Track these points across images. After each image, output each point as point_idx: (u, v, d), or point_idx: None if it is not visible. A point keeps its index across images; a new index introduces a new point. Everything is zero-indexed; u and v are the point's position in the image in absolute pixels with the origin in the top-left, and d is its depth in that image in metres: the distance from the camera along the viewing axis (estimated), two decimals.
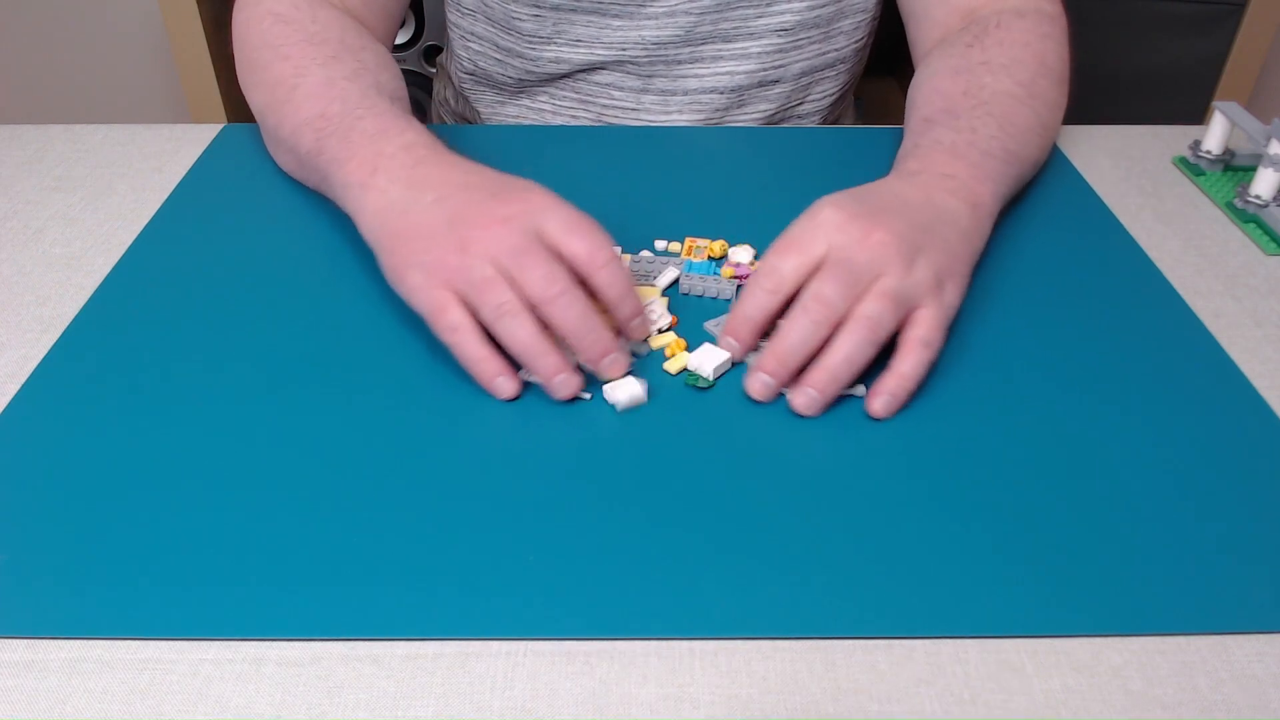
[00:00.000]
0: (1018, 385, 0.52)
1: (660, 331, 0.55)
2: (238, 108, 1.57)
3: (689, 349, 0.54)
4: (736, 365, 0.53)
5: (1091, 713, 0.38)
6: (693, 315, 0.57)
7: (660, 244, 0.63)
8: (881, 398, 0.49)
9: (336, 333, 0.55)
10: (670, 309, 0.57)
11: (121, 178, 0.70)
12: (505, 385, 0.50)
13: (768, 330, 0.52)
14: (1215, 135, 0.71)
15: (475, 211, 0.51)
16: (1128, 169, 0.73)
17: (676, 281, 0.59)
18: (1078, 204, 0.68)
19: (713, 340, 0.55)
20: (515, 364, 0.51)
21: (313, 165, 0.62)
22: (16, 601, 0.41)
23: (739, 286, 0.58)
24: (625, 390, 0.50)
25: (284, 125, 0.64)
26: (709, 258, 0.61)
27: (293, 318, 0.56)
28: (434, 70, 1.53)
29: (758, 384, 0.50)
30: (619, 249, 0.62)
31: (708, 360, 0.52)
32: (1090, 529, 0.44)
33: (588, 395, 0.51)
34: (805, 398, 0.49)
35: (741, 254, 0.61)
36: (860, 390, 0.51)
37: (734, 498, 0.46)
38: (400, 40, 1.54)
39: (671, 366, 0.53)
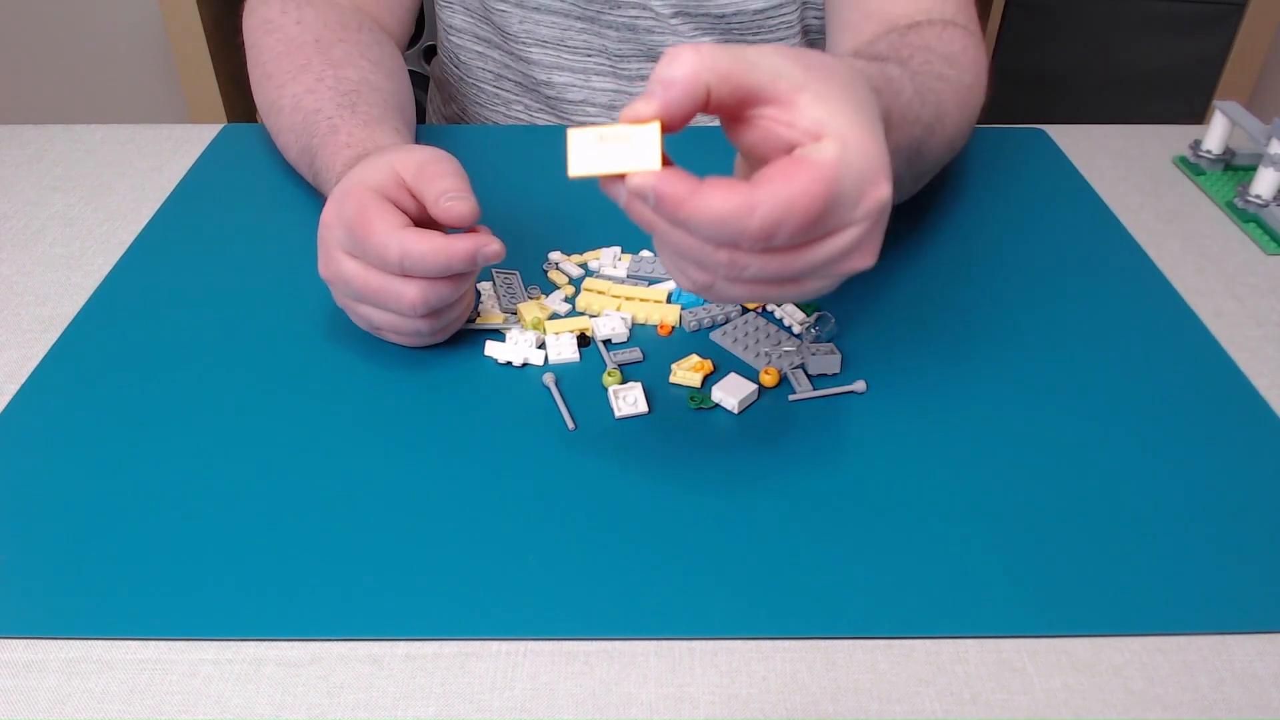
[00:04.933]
0: (1017, 385, 0.52)
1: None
2: (237, 108, 1.57)
3: (714, 374, 0.52)
4: (761, 398, 0.51)
5: (1092, 712, 0.38)
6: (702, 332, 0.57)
7: None
8: None
9: (336, 333, 0.55)
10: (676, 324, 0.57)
11: (121, 178, 0.70)
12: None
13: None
14: (1216, 135, 0.71)
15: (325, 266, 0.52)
16: (1128, 168, 0.73)
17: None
18: (1078, 204, 0.68)
19: (734, 359, 0.54)
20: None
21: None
22: (16, 601, 0.41)
23: (744, 309, 0.57)
24: (629, 399, 0.50)
25: (289, 152, 0.66)
26: None
27: (292, 318, 0.56)
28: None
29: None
30: (619, 248, 0.62)
31: (733, 393, 0.50)
32: (1090, 529, 0.44)
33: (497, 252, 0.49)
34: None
35: None
36: (860, 386, 0.51)
37: (733, 498, 0.46)
38: None
39: (676, 378, 0.52)
